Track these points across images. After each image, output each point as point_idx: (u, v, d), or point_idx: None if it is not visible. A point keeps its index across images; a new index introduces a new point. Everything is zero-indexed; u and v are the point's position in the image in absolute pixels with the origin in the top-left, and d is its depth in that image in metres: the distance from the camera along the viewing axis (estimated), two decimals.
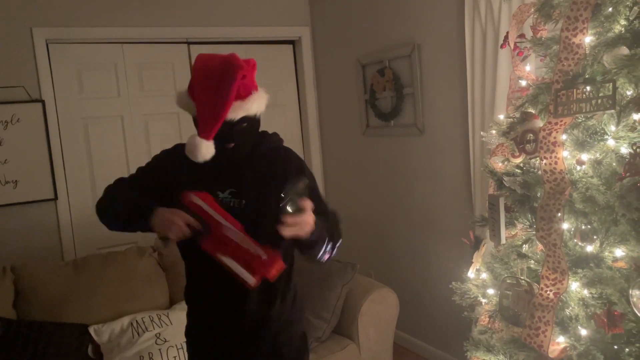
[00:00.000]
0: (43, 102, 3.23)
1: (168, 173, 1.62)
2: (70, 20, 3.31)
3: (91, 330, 2.54)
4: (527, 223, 1.75)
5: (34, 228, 3.26)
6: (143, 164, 1.75)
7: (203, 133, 1.47)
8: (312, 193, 1.54)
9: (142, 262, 2.84)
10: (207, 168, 1.53)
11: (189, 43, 3.72)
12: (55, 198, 3.30)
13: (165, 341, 2.52)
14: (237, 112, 1.48)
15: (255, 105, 1.52)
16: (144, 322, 2.58)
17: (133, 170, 1.55)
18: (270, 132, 1.69)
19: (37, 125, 3.22)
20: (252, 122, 1.54)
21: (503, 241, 1.79)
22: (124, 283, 2.74)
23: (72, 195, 3.39)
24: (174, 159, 1.63)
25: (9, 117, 3.15)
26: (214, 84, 1.44)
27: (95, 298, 2.66)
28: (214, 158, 1.52)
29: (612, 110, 1.44)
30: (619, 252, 1.50)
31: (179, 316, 2.66)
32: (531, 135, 1.66)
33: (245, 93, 1.50)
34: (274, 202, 1.38)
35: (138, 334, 2.53)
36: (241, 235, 1.44)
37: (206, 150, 1.48)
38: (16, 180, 3.18)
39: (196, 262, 1.63)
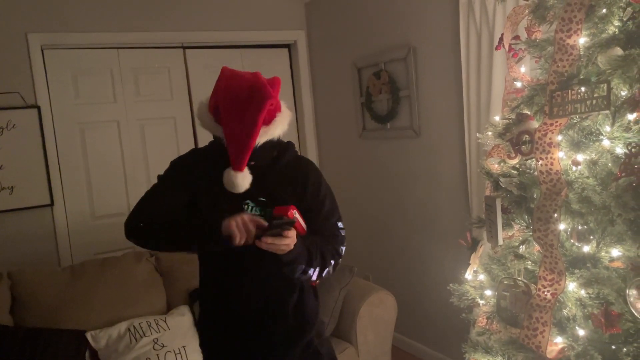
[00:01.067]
0: (39, 107, 3.23)
1: (194, 180, 1.61)
2: (65, 25, 3.31)
3: (88, 336, 2.53)
4: (524, 224, 1.75)
5: (30, 234, 3.24)
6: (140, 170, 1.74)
7: (236, 165, 1.49)
8: (321, 211, 1.64)
9: (139, 267, 2.83)
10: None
11: (184, 47, 3.72)
12: (52, 204, 3.29)
13: (163, 346, 2.51)
14: (261, 137, 1.51)
15: (279, 129, 1.56)
16: (141, 328, 2.57)
17: (129, 176, 1.55)
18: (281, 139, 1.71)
19: (32, 131, 3.21)
20: (273, 142, 1.57)
21: (500, 242, 1.79)
22: (121, 288, 2.73)
23: (69, 201, 3.38)
24: (196, 165, 1.64)
25: (4, 123, 3.14)
26: (241, 112, 1.46)
27: (93, 304, 2.65)
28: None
29: (607, 111, 1.45)
30: (616, 252, 1.50)
31: (177, 321, 2.65)
32: (527, 136, 1.67)
33: (270, 118, 1.52)
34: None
35: (135, 339, 2.52)
36: None
37: (242, 181, 1.51)
38: (12, 187, 3.17)
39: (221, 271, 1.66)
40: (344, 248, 1.70)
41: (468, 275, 1.99)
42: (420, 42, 3.13)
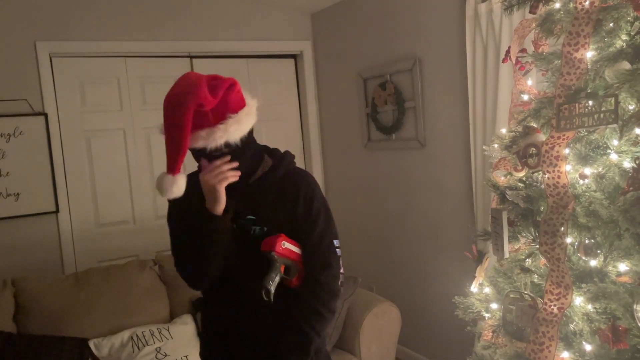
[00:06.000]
0: (46, 115, 3.25)
1: (194, 198, 1.55)
2: (73, 34, 3.33)
3: (91, 344, 2.53)
4: (531, 237, 1.74)
5: (35, 241, 3.25)
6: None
7: (168, 168, 1.41)
8: (313, 230, 1.54)
9: (142, 275, 2.83)
10: (226, 194, 1.49)
11: (191, 57, 3.74)
12: (57, 211, 3.29)
13: (166, 355, 2.51)
14: (208, 140, 1.41)
15: (232, 129, 1.42)
16: (144, 336, 2.57)
17: (134, 184, 1.54)
18: (279, 149, 1.66)
19: (39, 138, 3.23)
20: (232, 148, 1.45)
21: (506, 255, 1.78)
22: (124, 296, 2.73)
23: (74, 208, 3.39)
24: (196, 183, 1.57)
25: (11, 130, 3.15)
26: (170, 114, 1.38)
27: (96, 311, 2.65)
28: (230, 186, 1.49)
29: (615, 125, 1.44)
30: (623, 266, 1.49)
31: (180, 330, 2.65)
32: (534, 149, 1.67)
33: (216, 119, 1.41)
34: (284, 228, 1.50)
35: (138, 348, 2.51)
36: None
37: (170, 185, 1.40)
38: (18, 193, 3.18)
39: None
40: (341, 271, 1.60)
41: (473, 288, 1.98)
42: (426, 54, 3.14)
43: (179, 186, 1.42)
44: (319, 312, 1.54)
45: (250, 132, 1.52)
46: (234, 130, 1.43)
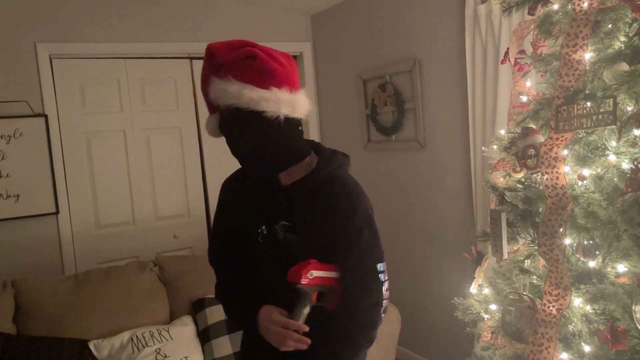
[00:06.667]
0: (46, 116, 3.25)
1: (231, 206, 1.52)
2: (73, 35, 3.34)
3: (91, 345, 2.52)
4: (529, 238, 1.74)
5: (35, 242, 3.25)
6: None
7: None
8: (351, 250, 1.38)
9: (142, 276, 2.83)
10: (260, 197, 1.44)
11: (191, 58, 3.75)
12: (57, 212, 3.30)
13: (166, 357, 2.51)
14: (217, 93, 1.32)
15: (224, 91, 1.29)
16: (144, 337, 2.57)
17: (134, 185, 1.52)
18: (330, 148, 1.50)
19: (39, 139, 3.23)
20: (223, 112, 1.33)
21: (505, 256, 1.78)
22: (124, 298, 2.73)
23: (74, 210, 3.40)
24: (232, 190, 1.54)
25: (11, 132, 3.16)
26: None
27: (96, 313, 2.65)
28: (263, 186, 1.43)
29: (613, 126, 1.45)
30: (622, 267, 1.49)
31: (180, 331, 2.65)
32: (532, 150, 1.67)
33: (218, 76, 1.32)
34: (318, 241, 1.36)
35: (138, 349, 2.51)
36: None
37: (208, 123, 1.43)
38: (18, 195, 3.18)
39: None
40: (385, 302, 1.41)
41: (473, 289, 1.98)
42: (425, 55, 3.15)
43: (211, 124, 1.41)
44: (356, 341, 1.40)
45: (272, 127, 1.32)
46: (223, 91, 1.30)
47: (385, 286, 1.41)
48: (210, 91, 1.35)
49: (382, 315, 1.42)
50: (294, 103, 1.32)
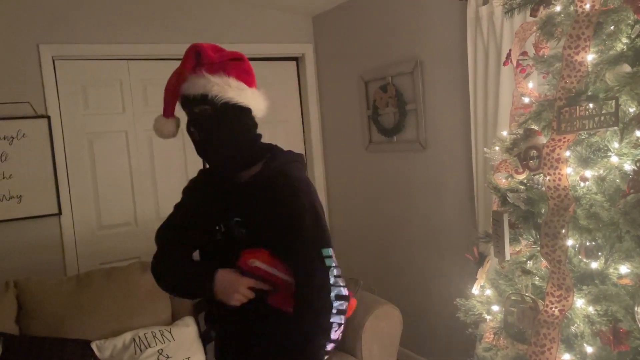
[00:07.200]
0: (48, 117, 3.26)
1: (190, 202, 1.58)
2: (76, 37, 3.35)
3: (93, 345, 2.53)
4: (532, 239, 1.74)
5: (37, 243, 3.26)
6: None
7: (163, 112, 1.49)
8: (296, 239, 1.40)
9: (144, 277, 2.83)
10: (216, 195, 1.50)
11: None
12: (59, 213, 3.30)
13: (168, 357, 2.51)
14: (190, 87, 1.40)
15: (216, 84, 1.38)
16: (146, 338, 2.57)
17: (136, 186, 1.55)
18: (283, 149, 1.58)
19: (42, 140, 3.24)
20: (214, 107, 1.40)
21: (507, 257, 1.78)
22: (126, 298, 2.74)
23: (76, 211, 3.40)
24: (194, 187, 1.61)
25: (14, 133, 3.16)
26: (174, 71, 1.48)
27: (98, 313, 2.65)
28: (221, 185, 1.49)
29: (615, 127, 1.45)
30: (624, 268, 1.49)
31: (182, 332, 2.65)
32: (535, 151, 1.67)
33: (209, 72, 1.40)
34: (265, 234, 1.42)
35: (140, 350, 2.52)
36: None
37: (163, 125, 1.48)
38: (21, 195, 3.19)
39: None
40: (339, 289, 1.40)
41: (475, 290, 1.98)
42: (427, 56, 3.15)
43: (169, 128, 1.50)
44: (307, 336, 1.37)
45: (253, 125, 1.50)
46: (216, 84, 1.38)
47: (334, 272, 1.41)
48: (196, 86, 1.40)
49: (339, 303, 1.39)
50: (263, 104, 1.50)
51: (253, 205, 1.45)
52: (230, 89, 1.40)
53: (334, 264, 1.42)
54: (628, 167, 1.47)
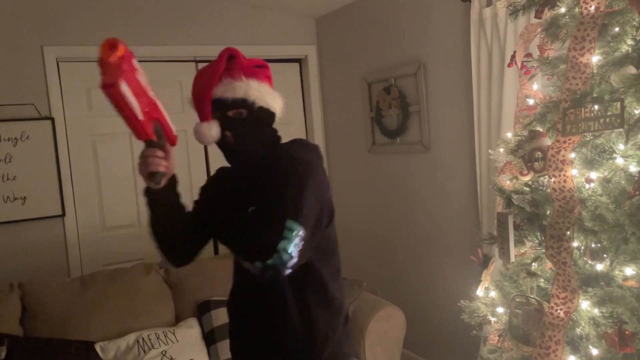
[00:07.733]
0: (52, 119, 3.27)
1: (208, 197, 1.63)
2: (80, 39, 3.35)
3: (97, 347, 2.53)
4: (537, 241, 1.74)
5: (41, 244, 3.26)
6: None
7: (200, 118, 1.46)
8: (268, 184, 1.37)
9: (148, 278, 2.84)
10: (230, 185, 1.55)
11: (197, 61, 3.76)
12: (63, 214, 3.31)
13: (172, 359, 2.51)
14: (227, 90, 1.42)
15: (254, 89, 1.43)
16: (150, 339, 2.57)
17: (139, 188, 1.57)
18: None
19: (46, 142, 3.24)
20: (251, 111, 1.44)
21: (512, 259, 1.78)
22: (130, 300, 2.74)
23: (80, 212, 3.41)
24: (211, 184, 1.67)
25: (18, 134, 3.17)
26: (202, 72, 1.48)
27: (102, 315, 2.66)
28: (237, 174, 1.54)
29: (621, 129, 1.45)
30: (629, 270, 1.49)
31: (185, 333, 2.65)
32: (539, 153, 1.67)
33: (240, 75, 1.43)
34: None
35: (144, 351, 2.52)
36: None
37: (208, 130, 1.42)
38: (24, 197, 3.19)
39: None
40: (293, 260, 1.24)
41: (479, 291, 1.98)
42: (430, 58, 3.15)
43: (214, 131, 1.43)
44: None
45: (271, 122, 1.55)
46: (255, 88, 1.44)
47: (294, 241, 1.23)
48: (236, 90, 1.43)
49: (281, 268, 1.23)
50: (281, 108, 1.57)
51: (260, 186, 1.42)
52: (267, 95, 1.48)
53: (298, 240, 1.25)
54: (633, 168, 1.47)
